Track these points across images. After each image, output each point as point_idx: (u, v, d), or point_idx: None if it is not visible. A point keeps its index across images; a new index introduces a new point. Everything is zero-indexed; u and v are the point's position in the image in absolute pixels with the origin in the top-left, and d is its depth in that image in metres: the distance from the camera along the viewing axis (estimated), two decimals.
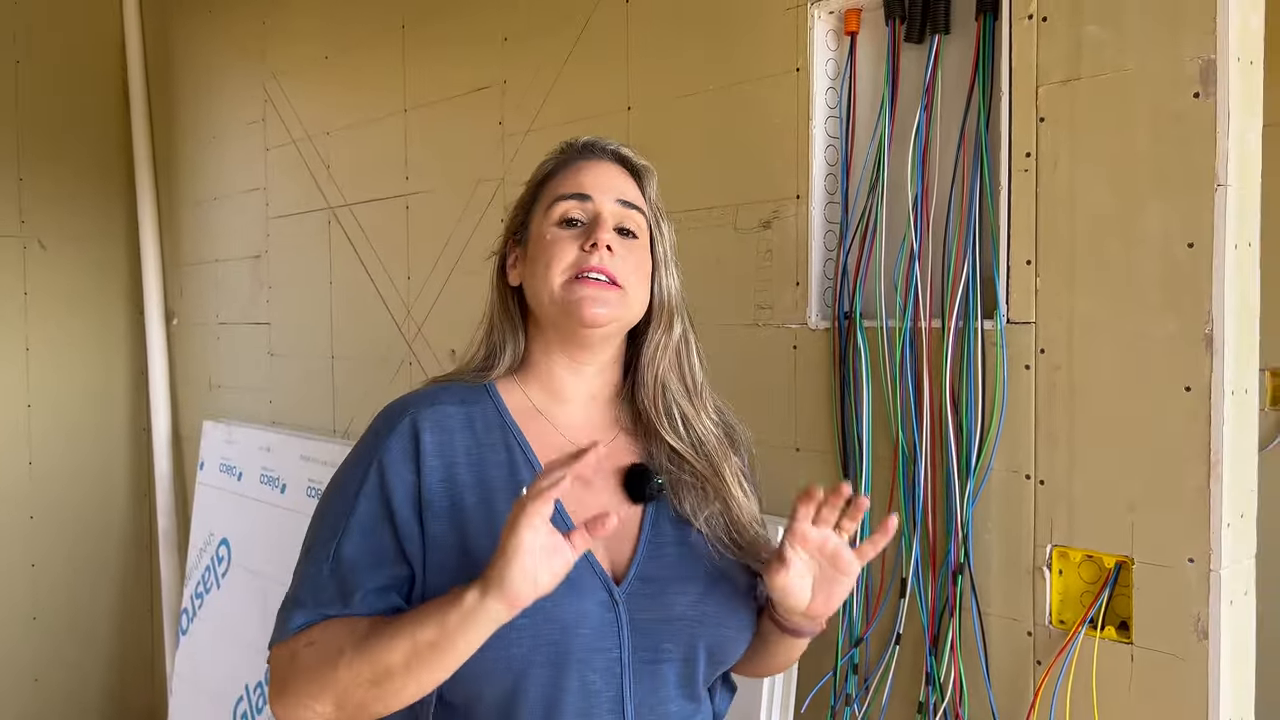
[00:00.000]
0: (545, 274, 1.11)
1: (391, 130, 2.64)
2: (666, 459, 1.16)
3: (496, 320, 1.19)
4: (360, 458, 1.09)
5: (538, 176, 1.20)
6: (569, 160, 1.19)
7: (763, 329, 1.80)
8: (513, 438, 1.11)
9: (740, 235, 1.83)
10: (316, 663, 0.98)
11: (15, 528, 3.71)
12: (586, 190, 1.14)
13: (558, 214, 1.13)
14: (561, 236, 1.12)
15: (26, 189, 3.72)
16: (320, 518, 1.09)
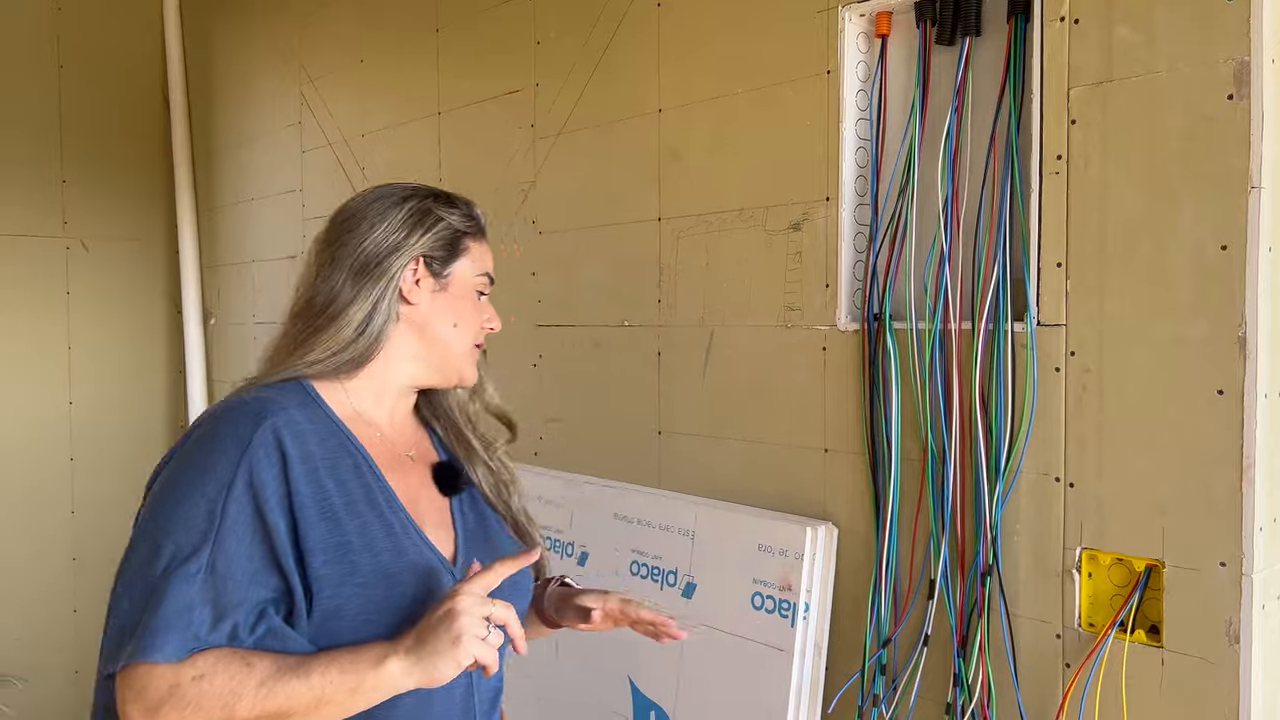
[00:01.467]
0: (462, 331, 1.27)
1: (425, 133, 2.68)
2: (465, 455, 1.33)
3: (379, 327, 1.21)
4: (219, 464, 1.07)
5: (459, 226, 1.28)
6: (481, 231, 1.32)
7: (792, 330, 1.81)
8: (352, 445, 1.18)
9: (769, 237, 1.84)
10: (207, 701, 0.99)
11: (57, 522, 3.79)
12: (494, 276, 1.33)
13: (481, 284, 1.30)
14: (480, 306, 1.30)
15: (70, 191, 3.80)
16: (173, 525, 1.04)
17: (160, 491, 1.09)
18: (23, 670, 3.70)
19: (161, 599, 1.01)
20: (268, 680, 1.01)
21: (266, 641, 1.05)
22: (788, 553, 1.72)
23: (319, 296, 1.21)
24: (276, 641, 1.06)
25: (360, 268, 1.20)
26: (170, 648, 1.00)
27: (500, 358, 2.46)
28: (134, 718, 1.00)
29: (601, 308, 2.19)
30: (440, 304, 1.25)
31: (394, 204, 1.24)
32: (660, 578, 1.92)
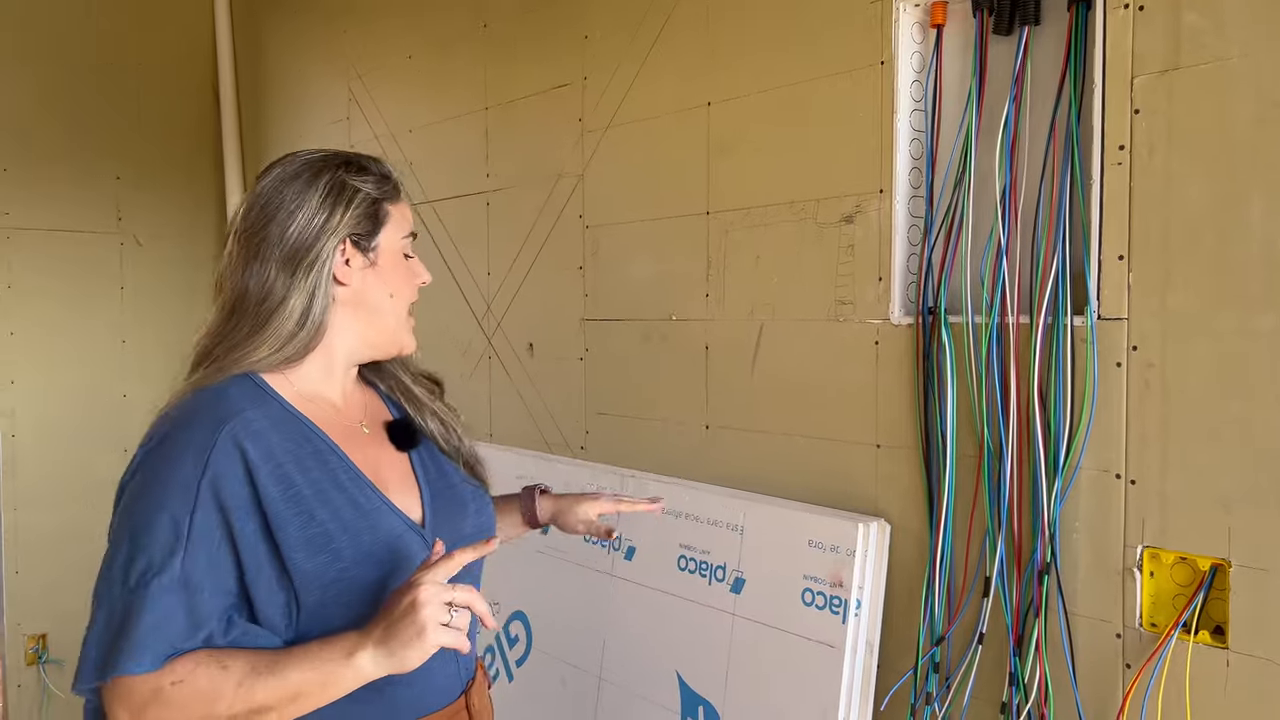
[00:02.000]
0: (397, 301, 1.28)
1: (473, 128, 2.68)
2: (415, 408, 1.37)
3: (319, 315, 1.21)
4: (182, 475, 1.08)
5: (378, 194, 1.25)
6: (396, 190, 1.29)
7: (843, 324, 1.79)
8: (311, 431, 1.19)
9: (821, 230, 1.82)
10: (190, 701, 1.05)
11: (110, 511, 3.85)
12: (416, 231, 1.32)
13: (408, 245, 1.30)
14: (411, 269, 1.30)
15: (123, 187, 3.86)
16: (143, 538, 1.07)
17: (128, 504, 1.11)
18: (72, 655, 3.77)
19: (138, 613, 1.05)
20: (244, 680, 1.06)
21: (240, 642, 1.10)
22: (839, 549, 1.70)
23: (251, 291, 1.19)
24: (248, 641, 1.10)
25: (288, 257, 1.19)
26: (149, 659, 1.04)
27: (546, 351, 2.47)
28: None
29: (649, 302, 2.18)
30: (372, 278, 1.25)
31: (307, 183, 1.21)
32: (708, 572, 1.91)
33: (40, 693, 3.71)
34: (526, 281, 2.52)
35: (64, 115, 3.74)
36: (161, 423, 1.16)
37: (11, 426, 3.69)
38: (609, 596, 2.12)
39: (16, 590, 3.69)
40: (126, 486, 1.14)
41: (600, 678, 2.11)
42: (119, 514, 1.13)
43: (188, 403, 1.16)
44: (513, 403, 2.55)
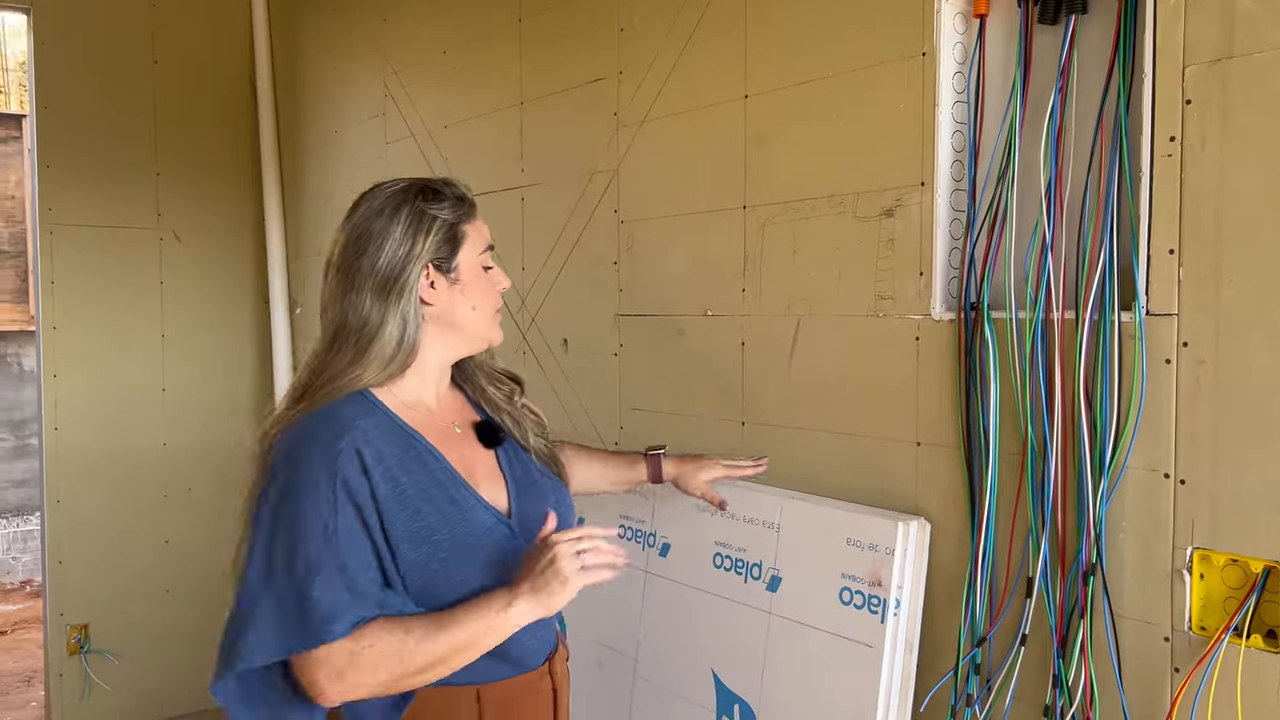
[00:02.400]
0: (482, 308, 1.44)
1: (507, 123, 2.68)
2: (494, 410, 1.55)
3: (413, 335, 1.38)
4: (316, 485, 1.27)
5: (454, 219, 1.42)
6: (471, 209, 1.45)
7: (883, 320, 1.76)
8: (414, 438, 1.37)
9: (860, 224, 1.80)
10: (380, 661, 1.26)
11: (151, 506, 3.91)
12: (491, 242, 1.48)
13: (486, 260, 1.46)
14: (490, 279, 1.46)
15: (163, 183, 3.90)
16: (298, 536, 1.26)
17: (276, 508, 1.28)
18: (118, 647, 3.82)
19: (312, 595, 1.24)
20: (424, 639, 1.27)
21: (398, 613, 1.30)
22: (878, 548, 1.67)
23: (350, 320, 1.36)
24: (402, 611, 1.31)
25: (380, 287, 1.36)
26: (340, 628, 1.24)
27: (581, 346, 2.46)
28: (323, 684, 1.26)
29: (684, 297, 2.17)
30: (455, 295, 1.42)
31: (390, 216, 1.38)
32: (744, 570, 1.90)
33: (82, 682, 3.76)
34: (561, 277, 2.51)
35: (108, 114, 3.78)
36: (291, 443, 1.31)
37: (54, 419, 3.74)
38: (644, 593, 2.11)
39: (59, 580, 3.75)
40: (266, 493, 1.30)
41: (635, 674, 2.10)
42: (266, 517, 1.29)
43: (311, 421, 1.32)
44: (547, 398, 2.54)
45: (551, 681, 1.48)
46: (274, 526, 1.28)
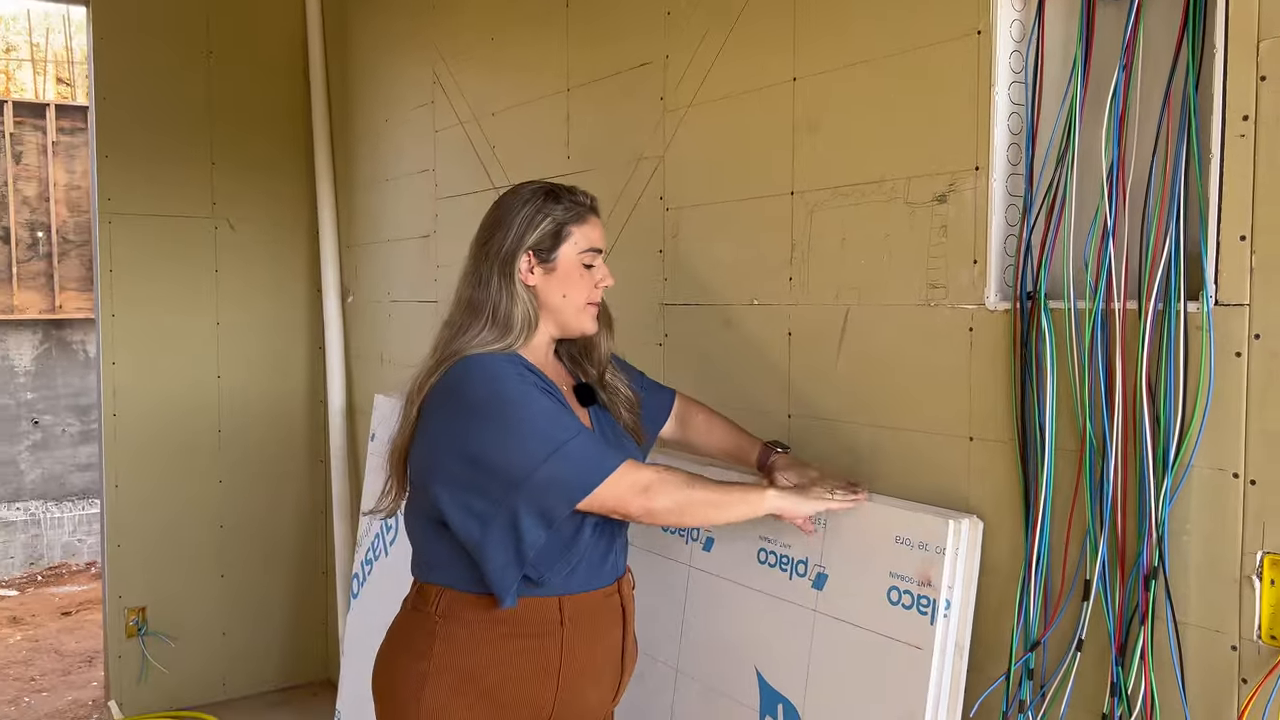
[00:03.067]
0: (573, 297, 1.71)
1: (554, 109, 2.65)
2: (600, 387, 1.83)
3: (529, 309, 1.68)
4: (511, 389, 1.58)
5: (563, 219, 1.69)
6: (583, 214, 1.72)
7: (935, 310, 1.70)
8: (550, 381, 1.68)
9: (912, 210, 1.73)
10: (677, 482, 1.59)
11: (207, 491, 3.96)
12: (601, 246, 1.74)
13: (587, 259, 1.72)
14: (587, 275, 1.72)
15: (218, 172, 3.94)
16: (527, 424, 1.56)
17: (490, 414, 1.57)
18: (174, 630, 3.89)
19: (588, 448, 1.57)
20: (704, 481, 1.62)
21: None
22: (928, 546, 1.61)
23: (476, 293, 1.68)
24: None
25: (499, 267, 1.67)
26: (625, 456, 1.59)
27: (626, 335, 2.42)
28: (632, 499, 1.57)
29: (730, 285, 2.12)
30: (550, 283, 1.70)
31: (518, 209, 1.69)
32: (789, 567, 1.85)
33: (140, 664, 3.83)
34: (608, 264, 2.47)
35: (166, 103, 3.83)
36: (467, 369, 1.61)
37: (112, 406, 3.81)
38: (687, 588, 2.07)
39: (117, 564, 3.82)
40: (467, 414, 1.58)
41: (677, 670, 2.07)
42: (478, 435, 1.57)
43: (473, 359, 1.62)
44: None
45: (620, 599, 1.75)
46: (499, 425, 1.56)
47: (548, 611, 1.65)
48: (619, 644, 1.76)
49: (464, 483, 1.58)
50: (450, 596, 1.65)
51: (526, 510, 1.55)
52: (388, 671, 1.70)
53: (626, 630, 1.77)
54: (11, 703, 4.28)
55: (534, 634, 1.65)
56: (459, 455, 1.58)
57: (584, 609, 1.68)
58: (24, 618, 5.45)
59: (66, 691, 4.39)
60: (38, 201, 6.18)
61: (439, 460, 1.61)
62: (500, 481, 1.55)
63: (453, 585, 1.66)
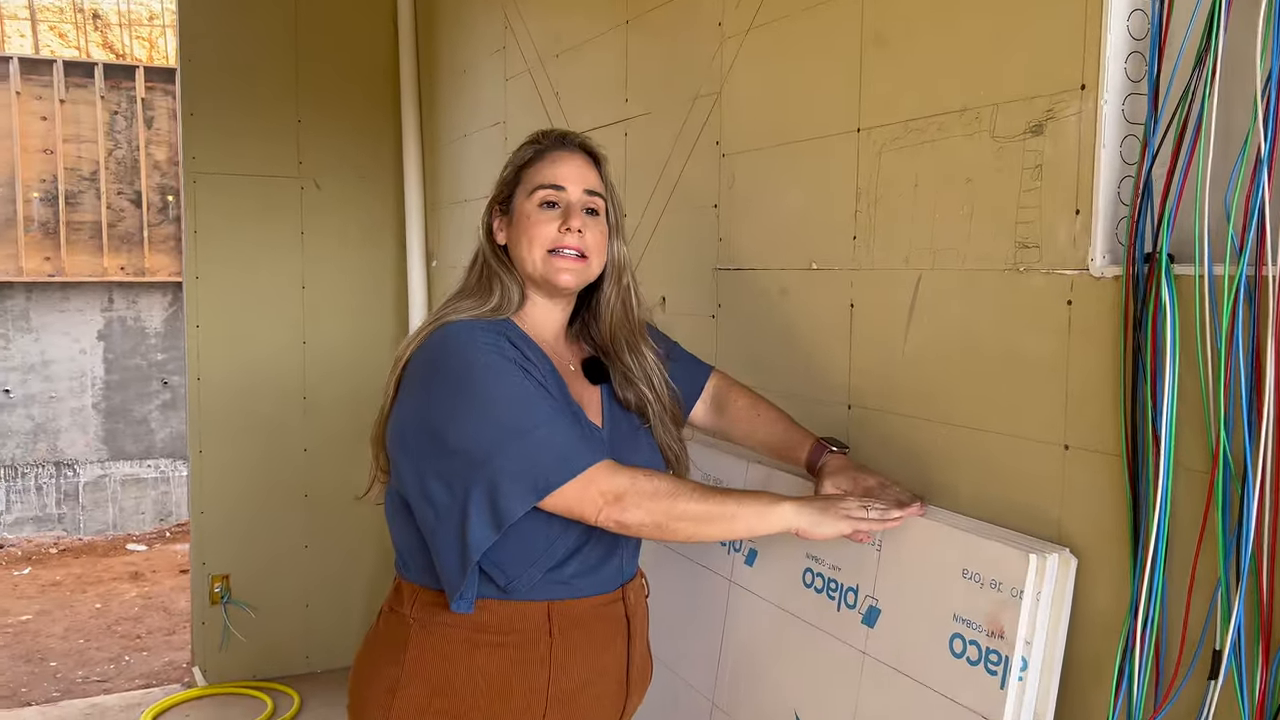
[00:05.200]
0: (529, 247, 1.46)
1: (613, 45, 2.32)
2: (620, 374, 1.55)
3: (501, 275, 1.48)
4: (478, 358, 1.34)
5: (518, 162, 1.51)
6: (545, 150, 1.50)
7: (1024, 276, 1.30)
8: (541, 353, 1.45)
9: (1000, 146, 1.33)
10: (657, 491, 1.31)
11: (292, 460, 3.86)
12: (561, 182, 1.47)
13: (538, 199, 1.47)
14: (541, 218, 1.46)
15: (304, 130, 3.79)
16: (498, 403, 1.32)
17: (456, 388, 1.33)
18: (255, 599, 3.81)
19: (557, 439, 1.31)
20: (697, 490, 1.33)
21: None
22: (1002, 585, 1.24)
23: (474, 261, 1.53)
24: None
25: (482, 231, 1.54)
26: (599, 454, 1.33)
27: (678, 306, 2.09)
28: (597, 508, 1.30)
29: (788, 247, 1.76)
30: (513, 234, 1.49)
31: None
32: (837, 594, 1.49)
33: (221, 632, 3.77)
34: (661, 224, 2.15)
35: (250, 59, 3.70)
36: (443, 339, 1.38)
37: (197, 370, 3.74)
38: (727, 605, 1.75)
39: (201, 530, 3.77)
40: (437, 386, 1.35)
41: (713, 703, 1.75)
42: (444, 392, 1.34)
43: (452, 325, 1.40)
44: None
45: (624, 608, 1.51)
46: (459, 403, 1.32)
47: (533, 618, 1.42)
48: (623, 659, 1.52)
49: (424, 462, 1.36)
50: (426, 596, 1.43)
51: (477, 505, 1.31)
52: (360, 677, 1.49)
53: (634, 643, 1.53)
54: (112, 660, 4.35)
55: (517, 644, 1.42)
56: (420, 427, 1.37)
57: (578, 617, 1.45)
58: (145, 573, 5.59)
59: (165, 652, 4.42)
60: (168, 166, 6.29)
61: (403, 433, 1.40)
62: (456, 465, 1.32)
63: (427, 584, 1.43)
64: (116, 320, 6.30)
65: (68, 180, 6.11)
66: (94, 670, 4.26)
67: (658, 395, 1.55)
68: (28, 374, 6.13)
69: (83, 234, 6.14)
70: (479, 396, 1.33)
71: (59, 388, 6.20)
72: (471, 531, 1.31)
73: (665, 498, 1.31)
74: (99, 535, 6.29)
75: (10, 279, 6.04)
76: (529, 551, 1.38)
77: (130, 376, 6.36)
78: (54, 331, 6.17)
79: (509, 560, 1.37)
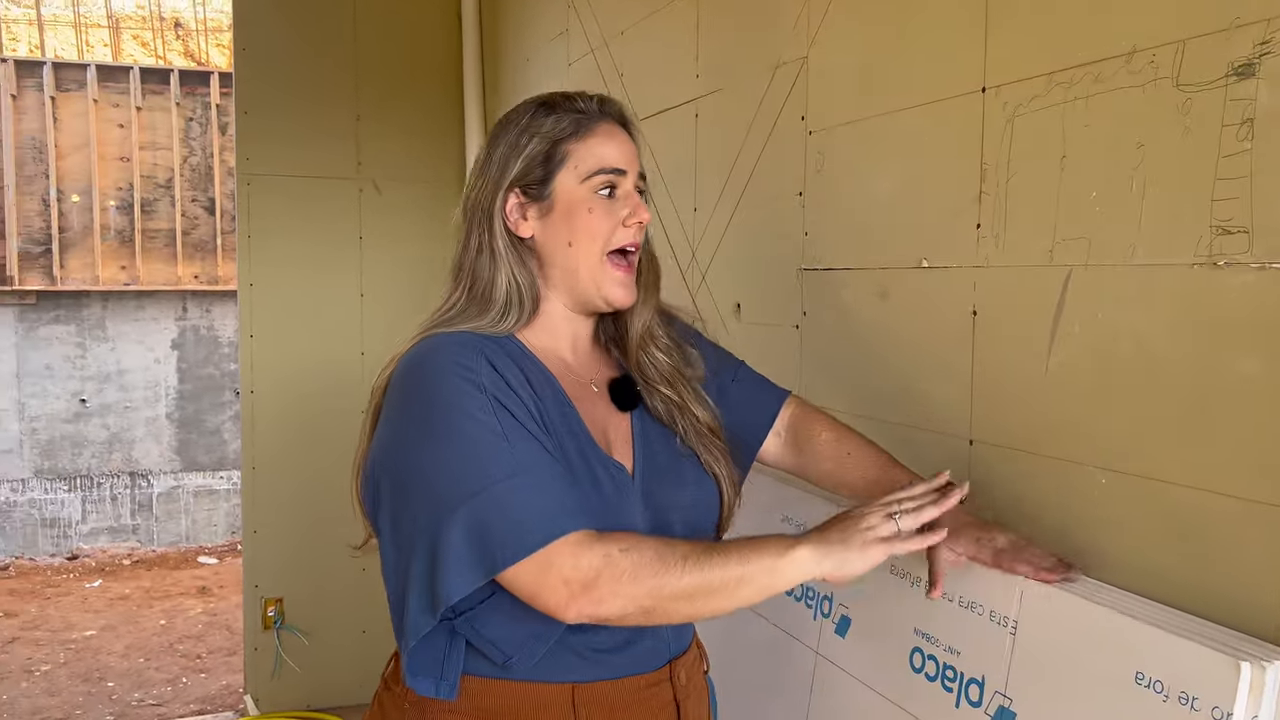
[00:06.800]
0: (587, 242, 1.16)
1: (682, 17, 2.02)
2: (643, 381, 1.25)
3: (514, 276, 1.16)
4: (443, 390, 1.07)
5: (554, 134, 1.17)
6: (591, 121, 1.19)
7: (1224, 272, 0.95)
8: (546, 373, 1.16)
9: (1186, 98, 0.98)
10: (639, 569, 1.02)
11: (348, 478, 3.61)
12: (621, 166, 1.18)
13: (596, 184, 1.17)
14: (602, 209, 1.17)
15: (364, 129, 3.58)
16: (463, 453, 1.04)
17: (424, 430, 1.07)
18: (309, 625, 3.61)
19: (515, 501, 1.03)
20: (690, 556, 1.04)
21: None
22: (1198, 702, 0.89)
23: (459, 257, 1.21)
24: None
25: (479, 219, 1.18)
26: (569, 524, 1.03)
27: (755, 314, 1.77)
28: (564, 594, 1.01)
29: (890, 240, 1.42)
30: (549, 229, 1.18)
31: (503, 138, 1.19)
32: (956, 685, 1.15)
33: (274, 658, 3.57)
34: (736, 217, 1.83)
35: (305, 52, 3.50)
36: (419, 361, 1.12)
37: (250, 382, 3.55)
38: (813, 684, 1.42)
39: (254, 551, 3.58)
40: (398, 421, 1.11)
41: None
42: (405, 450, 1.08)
43: (429, 340, 1.14)
44: None
45: (673, 690, 1.21)
46: (425, 446, 1.06)
47: (554, 707, 1.14)
48: None
49: (380, 510, 1.13)
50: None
51: (416, 579, 1.05)
52: None
53: None
54: (170, 682, 4.20)
55: None
56: (382, 469, 1.13)
57: (612, 704, 1.16)
58: (212, 588, 5.47)
59: (224, 675, 4.25)
60: None
61: (372, 472, 1.16)
62: (404, 525, 1.08)
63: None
64: (190, 329, 6.23)
65: (143, 188, 6.06)
66: (150, 693, 4.10)
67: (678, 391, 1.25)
68: (104, 383, 6.09)
69: (157, 242, 6.08)
70: (436, 440, 1.06)
71: (134, 397, 6.14)
72: (409, 612, 1.06)
73: (649, 576, 1.02)
74: (171, 547, 6.21)
75: (87, 288, 6.00)
76: (522, 618, 1.08)
77: (203, 386, 6.28)
78: (129, 340, 6.11)
79: (500, 634, 1.10)
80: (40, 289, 5.93)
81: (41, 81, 5.91)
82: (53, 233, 5.92)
